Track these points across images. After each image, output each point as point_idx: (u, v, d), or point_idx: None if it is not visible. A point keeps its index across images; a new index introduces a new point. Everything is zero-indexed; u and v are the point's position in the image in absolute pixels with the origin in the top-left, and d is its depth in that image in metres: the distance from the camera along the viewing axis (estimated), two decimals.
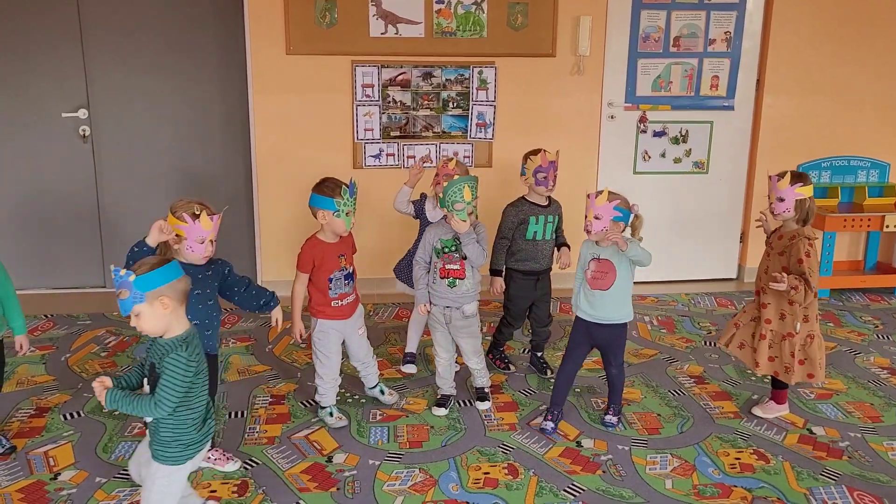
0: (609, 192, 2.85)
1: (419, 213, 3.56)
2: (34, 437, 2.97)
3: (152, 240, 2.47)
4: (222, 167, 4.82)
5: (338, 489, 2.66)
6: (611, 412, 3.17)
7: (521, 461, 2.86)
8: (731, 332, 3.27)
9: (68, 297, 4.69)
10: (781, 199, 2.99)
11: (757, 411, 3.26)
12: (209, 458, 2.81)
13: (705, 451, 2.94)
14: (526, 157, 3.45)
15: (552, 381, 3.51)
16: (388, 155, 4.68)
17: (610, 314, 2.97)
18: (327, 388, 3.12)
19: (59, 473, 2.73)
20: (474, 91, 4.63)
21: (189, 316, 2.59)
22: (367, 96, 4.58)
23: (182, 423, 2.15)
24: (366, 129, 4.62)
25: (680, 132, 4.92)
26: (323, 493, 2.63)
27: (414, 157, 4.66)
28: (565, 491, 2.67)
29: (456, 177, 2.96)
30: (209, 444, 2.28)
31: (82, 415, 3.17)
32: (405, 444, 2.97)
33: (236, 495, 2.62)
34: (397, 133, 4.65)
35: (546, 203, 3.48)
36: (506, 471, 2.79)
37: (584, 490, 2.68)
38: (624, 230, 2.91)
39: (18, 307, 2.82)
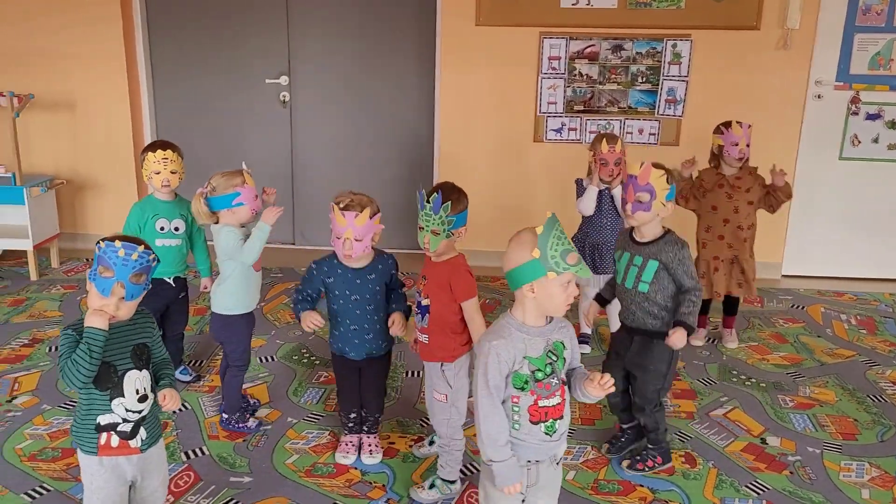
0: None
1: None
2: None
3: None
4: (408, 135, 4.96)
5: None
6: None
7: (699, 451, 2.74)
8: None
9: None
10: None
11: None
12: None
13: None
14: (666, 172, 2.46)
15: (734, 371, 3.34)
16: (570, 129, 4.61)
17: None
18: None
19: (257, 410, 2.97)
20: (666, 65, 4.44)
21: (348, 320, 2.45)
22: (553, 69, 4.52)
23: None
24: (549, 103, 4.57)
25: None
26: None
27: (596, 131, 4.56)
28: (747, 487, 2.54)
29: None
30: None
31: (275, 359, 3.42)
32: (577, 420, 2.94)
33: None
34: (581, 107, 4.56)
35: (645, 240, 2.47)
36: (683, 459, 2.69)
37: (768, 489, 2.53)
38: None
39: (206, 253, 3.18)
